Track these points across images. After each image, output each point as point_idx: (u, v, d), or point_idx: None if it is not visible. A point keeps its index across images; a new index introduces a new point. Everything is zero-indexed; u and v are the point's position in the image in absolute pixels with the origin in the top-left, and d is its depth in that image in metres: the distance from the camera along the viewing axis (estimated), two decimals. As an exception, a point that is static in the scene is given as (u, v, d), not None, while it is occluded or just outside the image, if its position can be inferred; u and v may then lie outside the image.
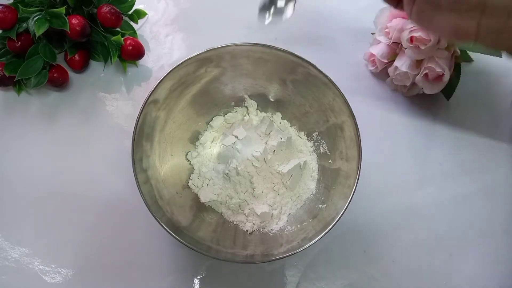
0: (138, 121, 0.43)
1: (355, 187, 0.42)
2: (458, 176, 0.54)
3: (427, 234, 0.51)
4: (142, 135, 0.44)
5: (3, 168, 0.51)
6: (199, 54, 0.45)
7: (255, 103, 0.52)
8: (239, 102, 0.52)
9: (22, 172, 0.51)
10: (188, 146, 0.51)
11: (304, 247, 0.40)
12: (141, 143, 0.44)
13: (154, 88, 0.44)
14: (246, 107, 0.52)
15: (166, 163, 0.48)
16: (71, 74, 0.56)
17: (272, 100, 0.52)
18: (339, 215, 0.41)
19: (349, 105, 0.44)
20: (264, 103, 0.52)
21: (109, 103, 0.55)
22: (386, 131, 0.56)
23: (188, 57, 0.45)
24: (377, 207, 0.51)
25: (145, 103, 0.44)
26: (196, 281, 0.48)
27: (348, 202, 0.41)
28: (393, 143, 0.55)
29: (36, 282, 0.46)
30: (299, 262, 0.49)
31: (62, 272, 0.47)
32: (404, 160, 0.55)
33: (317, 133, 0.51)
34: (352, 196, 0.42)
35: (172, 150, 0.49)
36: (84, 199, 0.50)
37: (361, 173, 0.42)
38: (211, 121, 0.52)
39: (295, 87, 0.50)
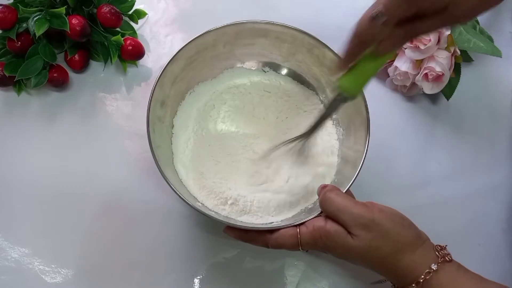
0: (155, 87, 0.43)
1: (361, 167, 0.42)
2: (458, 176, 0.54)
3: (427, 234, 0.51)
4: (157, 101, 0.45)
5: (3, 167, 0.51)
6: (219, 28, 0.46)
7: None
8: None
9: (22, 172, 0.51)
10: None
11: (300, 222, 0.40)
12: (156, 110, 0.45)
13: (171, 59, 0.45)
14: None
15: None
16: (71, 74, 0.56)
17: (283, 74, 0.53)
18: None
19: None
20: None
21: (109, 103, 0.55)
22: (386, 131, 0.56)
23: (207, 30, 0.46)
24: (377, 207, 0.51)
25: (161, 74, 0.44)
26: (196, 281, 0.48)
27: (351, 182, 0.42)
28: (393, 143, 0.55)
29: (36, 282, 0.46)
30: (299, 262, 0.49)
31: (62, 272, 0.47)
32: (404, 160, 0.55)
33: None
34: (357, 175, 0.42)
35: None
36: (84, 199, 0.50)
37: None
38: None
39: (309, 69, 0.51)
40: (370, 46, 0.35)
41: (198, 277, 0.48)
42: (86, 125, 0.54)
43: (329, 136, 0.50)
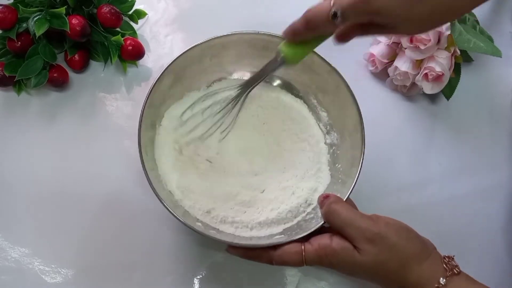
0: (144, 109, 0.43)
1: (359, 173, 0.42)
2: (458, 176, 0.54)
3: (426, 234, 0.51)
4: (147, 123, 0.44)
5: (3, 168, 0.51)
6: (204, 42, 0.46)
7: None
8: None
9: (22, 172, 0.51)
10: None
11: (302, 235, 0.40)
12: (147, 131, 0.44)
13: (159, 78, 0.44)
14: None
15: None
16: (71, 74, 0.56)
17: (275, 85, 0.53)
18: None
19: (352, 92, 0.45)
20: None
21: (109, 103, 0.55)
22: (386, 131, 0.56)
23: (192, 45, 0.46)
24: (377, 207, 0.51)
25: (149, 94, 0.44)
26: (196, 281, 0.48)
27: (350, 191, 0.42)
28: (393, 143, 0.55)
29: (36, 282, 0.46)
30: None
31: (62, 272, 0.47)
32: (404, 160, 0.55)
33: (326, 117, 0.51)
34: (355, 183, 0.42)
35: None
36: (84, 199, 0.50)
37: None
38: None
39: (298, 76, 0.50)
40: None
41: (198, 277, 0.48)
42: (86, 125, 0.54)
43: (318, 143, 0.50)
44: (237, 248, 0.41)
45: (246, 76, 0.52)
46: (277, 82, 0.52)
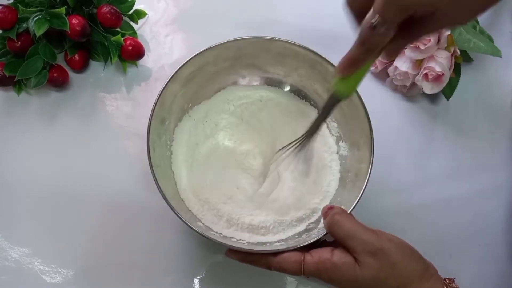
0: (155, 105, 0.43)
1: (365, 186, 0.42)
2: (458, 176, 0.54)
3: (427, 234, 0.51)
4: (157, 119, 0.44)
5: (3, 168, 0.51)
6: (220, 44, 0.46)
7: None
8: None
9: (22, 172, 0.51)
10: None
11: (303, 244, 0.40)
12: (156, 128, 0.44)
13: (173, 75, 0.44)
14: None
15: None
16: (71, 74, 0.56)
17: (286, 90, 0.52)
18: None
19: (364, 105, 0.44)
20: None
21: (109, 103, 0.55)
22: (386, 131, 0.56)
23: (208, 47, 0.46)
24: (377, 208, 0.51)
25: (161, 91, 0.43)
26: (196, 281, 0.48)
27: (354, 204, 0.41)
28: (393, 143, 0.55)
29: (36, 282, 0.46)
30: (299, 262, 0.49)
31: (62, 272, 0.47)
32: (404, 160, 0.55)
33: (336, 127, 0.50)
34: (361, 196, 0.41)
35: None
36: (84, 199, 0.50)
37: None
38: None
39: (312, 85, 0.50)
40: (376, 53, 0.35)
41: (198, 277, 0.48)
42: (86, 125, 0.54)
43: (330, 154, 0.49)
44: (236, 252, 0.41)
45: (256, 81, 0.52)
46: (287, 87, 0.52)
